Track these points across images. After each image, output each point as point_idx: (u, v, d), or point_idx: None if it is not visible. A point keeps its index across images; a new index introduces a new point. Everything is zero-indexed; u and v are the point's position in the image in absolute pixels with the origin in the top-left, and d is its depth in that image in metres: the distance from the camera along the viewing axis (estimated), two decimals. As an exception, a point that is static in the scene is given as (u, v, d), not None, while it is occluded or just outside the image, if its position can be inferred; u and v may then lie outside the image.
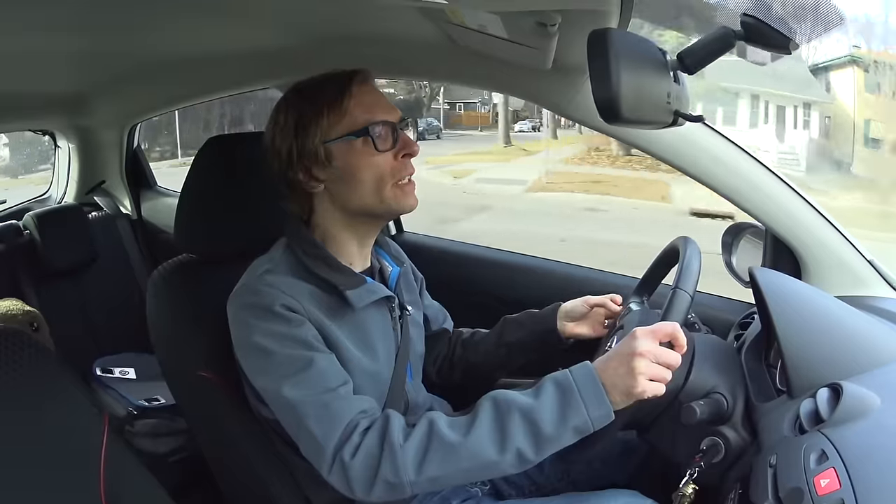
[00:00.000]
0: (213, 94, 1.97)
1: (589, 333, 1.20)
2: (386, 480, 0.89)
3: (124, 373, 1.98)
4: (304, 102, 1.01)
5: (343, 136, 0.99)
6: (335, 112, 1.00)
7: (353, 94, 1.00)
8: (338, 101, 1.00)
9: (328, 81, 1.01)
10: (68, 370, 1.04)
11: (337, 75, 1.02)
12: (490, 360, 1.25)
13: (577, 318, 1.20)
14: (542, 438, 0.87)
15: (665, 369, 0.88)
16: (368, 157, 1.00)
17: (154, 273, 1.20)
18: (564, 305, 1.21)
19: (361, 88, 1.01)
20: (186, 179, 1.20)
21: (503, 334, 1.24)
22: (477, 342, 1.27)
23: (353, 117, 1.00)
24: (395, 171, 1.01)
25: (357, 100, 1.00)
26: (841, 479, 0.72)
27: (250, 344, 0.96)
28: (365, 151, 1.00)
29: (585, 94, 1.12)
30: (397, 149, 1.01)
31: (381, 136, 1.00)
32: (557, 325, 1.20)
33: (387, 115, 1.01)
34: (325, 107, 1.00)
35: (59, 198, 2.48)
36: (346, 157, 1.00)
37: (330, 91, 1.00)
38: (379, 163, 1.00)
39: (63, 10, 1.06)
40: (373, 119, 1.00)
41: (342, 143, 0.99)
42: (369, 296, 1.02)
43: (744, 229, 1.31)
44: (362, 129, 0.99)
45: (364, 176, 1.00)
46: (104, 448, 1.00)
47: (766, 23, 0.74)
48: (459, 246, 1.85)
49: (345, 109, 1.00)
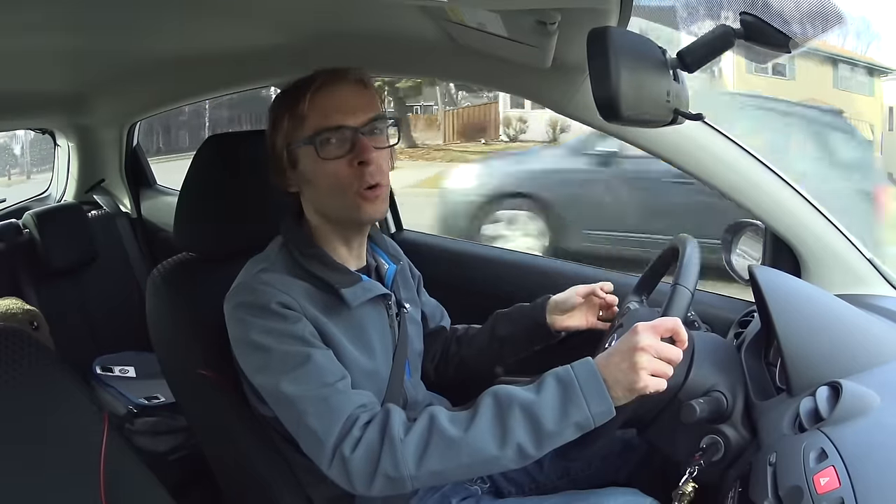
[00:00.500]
0: (213, 93, 1.97)
1: (580, 325, 1.19)
2: (386, 474, 0.89)
3: (124, 371, 1.98)
4: (275, 104, 1.02)
5: (298, 142, 0.99)
6: (294, 117, 0.99)
7: (311, 98, 0.98)
8: (296, 106, 0.98)
9: (295, 85, 1.00)
10: (68, 369, 1.04)
11: (307, 78, 1.00)
12: (483, 355, 1.25)
13: (567, 310, 1.19)
14: (543, 434, 0.87)
15: (667, 364, 0.87)
16: (321, 165, 0.98)
17: (153, 272, 1.20)
18: (554, 298, 1.21)
19: (322, 92, 0.98)
20: (186, 178, 1.20)
21: (495, 329, 1.24)
22: (471, 338, 1.27)
23: (308, 123, 0.98)
24: (351, 180, 0.98)
25: (314, 104, 0.98)
26: (840, 477, 0.72)
27: (248, 342, 0.96)
28: (317, 159, 0.98)
29: (585, 92, 1.12)
30: (352, 156, 0.98)
31: (331, 144, 0.98)
32: (547, 319, 1.19)
33: (345, 120, 0.98)
34: (286, 111, 0.99)
35: (58, 196, 2.47)
36: (305, 163, 1.00)
37: (290, 96, 0.99)
38: (332, 171, 0.98)
39: (62, 9, 1.05)
40: (325, 125, 0.97)
41: (303, 148, 0.99)
42: (365, 294, 1.02)
43: (743, 227, 1.31)
44: (310, 136, 0.98)
45: (321, 183, 1.00)
46: (104, 446, 1.00)
47: (766, 21, 0.74)
48: (458, 244, 1.86)
49: (301, 114, 0.98)
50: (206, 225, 1.20)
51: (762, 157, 1.15)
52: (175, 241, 1.22)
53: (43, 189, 2.56)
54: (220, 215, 1.19)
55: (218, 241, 1.20)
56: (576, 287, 1.20)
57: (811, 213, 1.15)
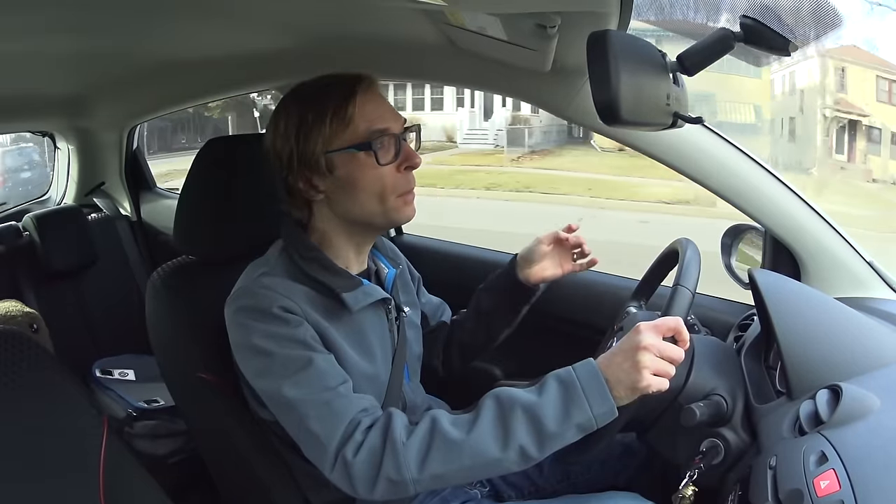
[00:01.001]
0: (213, 96, 1.97)
1: (556, 273, 1.19)
2: (389, 478, 0.88)
3: (123, 374, 1.98)
4: (305, 108, 0.98)
5: (345, 147, 0.97)
6: (338, 121, 0.97)
7: (358, 102, 0.97)
8: (341, 110, 0.96)
9: (331, 87, 0.98)
10: (67, 371, 1.04)
11: (340, 80, 0.98)
12: (476, 333, 1.25)
13: (536, 260, 1.19)
14: (546, 435, 0.87)
15: (669, 364, 0.87)
16: (371, 170, 0.98)
17: (153, 275, 1.20)
18: (521, 253, 1.21)
19: (366, 96, 0.98)
20: (186, 181, 1.20)
21: (479, 305, 1.24)
22: (462, 321, 1.27)
23: (357, 127, 0.97)
24: (396, 184, 0.99)
25: (361, 109, 0.97)
26: (840, 480, 0.72)
27: (249, 346, 0.96)
28: (367, 164, 0.97)
29: (585, 96, 1.12)
30: (399, 161, 0.99)
31: (384, 149, 0.98)
32: (519, 276, 1.19)
33: (390, 125, 0.99)
34: (328, 115, 0.96)
35: (58, 199, 2.48)
36: (348, 168, 0.98)
37: (333, 98, 0.97)
38: (381, 175, 0.98)
39: (63, 11, 1.06)
40: (376, 130, 0.97)
41: (344, 153, 0.97)
42: (365, 298, 1.02)
43: (743, 231, 1.31)
44: (365, 141, 0.97)
45: (366, 188, 0.99)
46: (103, 449, 0.99)
47: (766, 24, 0.74)
48: (458, 247, 1.85)
49: (348, 119, 0.97)
50: (205, 228, 1.20)
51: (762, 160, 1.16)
52: (175, 244, 1.22)
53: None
54: (219, 218, 1.19)
55: (218, 244, 1.20)
56: (538, 237, 1.20)
57: (811, 217, 1.16)
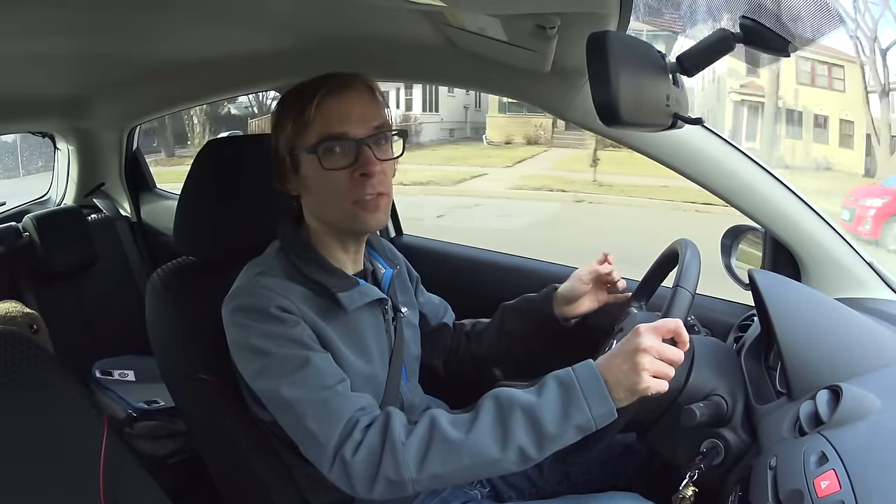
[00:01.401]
0: (213, 97, 1.97)
1: (591, 307, 1.21)
2: (387, 478, 0.88)
3: (123, 375, 1.98)
4: (281, 107, 1.01)
5: (301, 149, 0.98)
6: (299, 122, 0.98)
7: (318, 104, 0.96)
8: (303, 112, 0.97)
9: (305, 87, 0.99)
10: (67, 372, 1.04)
11: (313, 82, 0.99)
12: (493, 350, 1.26)
13: (577, 298, 1.20)
14: (545, 436, 0.87)
15: (668, 366, 0.87)
16: (322, 174, 0.97)
17: (153, 276, 1.20)
18: (560, 290, 1.21)
19: (329, 98, 0.97)
20: (186, 182, 1.20)
21: (503, 324, 1.25)
22: (479, 333, 1.27)
23: (313, 130, 0.97)
24: (350, 191, 0.98)
25: (319, 110, 0.97)
26: (841, 480, 0.72)
27: (247, 346, 0.96)
28: (319, 167, 0.97)
29: (584, 96, 1.12)
30: (355, 167, 0.98)
31: (335, 154, 0.97)
32: (556, 312, 1.20)
33: (350, 130, 0.97)
34: (292, 116, 0.98)
35: (58, 200, 2.48)
36: (307, 170, 0.99)
37: (301, 99, 0.98)
38: (333, 180, 0.98)
39: (63, 12, 1.06)
40: (329, 134, 0.97)
41: (304, 155, 0.98)
42: (361, 298, 1.02)
43: (743, 232, 1.31)
44: (314, 144, 0.97)
45: (320, 191, 1.00)
46: (103, 450, 0.99)
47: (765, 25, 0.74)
48: (457, 248, 1.85)
49: (306, 120, 0.97)
50: (205, 229, 1.20)
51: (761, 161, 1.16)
52: (174, 244, 1.22)
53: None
54: (219, 219, 1.19)
55: (217, 244, 1.20)
56: (578, 273, 1.21)
57: (811, 217, 1.15)
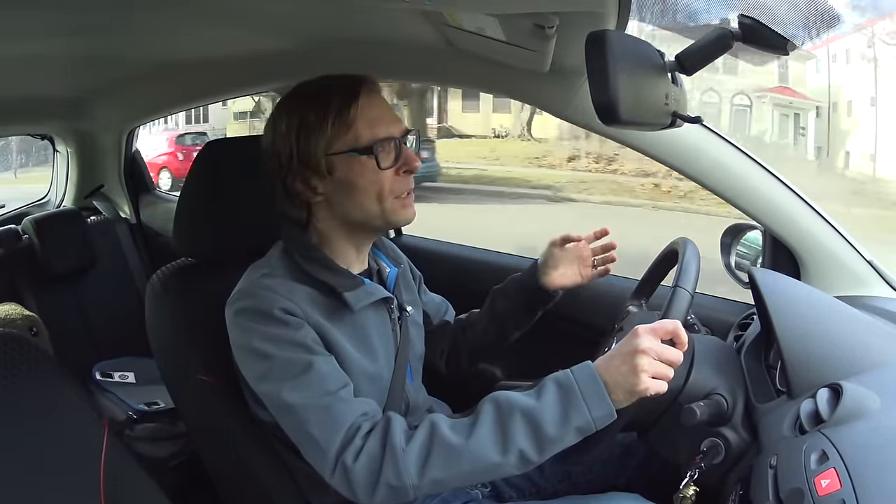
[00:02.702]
0: (212, 98, 1.97)
1: (575, 281, 1.20)
2: (388, 484, 0.88)
3: (124, 377, 1.98)
4: (306, 109, 0.98)
5: (346, 150, 0.97)
6: (340, 124, 0.97)
7: (360, 105, 0.97)
8: (343, 113, 0.96)
9: (333, 89, 0.98)
10: (67, 374, 1.04)
11: (343, 82, 0.99)
12: (488, 335, 1.25)
13: (555, 265, 1.19)
14: (545, 439, 0.87)
15: (667, 367, 0.87)
16: (371, 174, 0.98)
17: (153, 277, 1.20)
18: (541, 260, 1.21)
19: (367, 100, 0.98)
20: (185, 183, 1.20)
21: (493, 306, 1.24)
22: (474, 323, 1.27)
23: (358, 132, 0.97)
24: (395, 187, 0.99)
25: (363, 112, 0.97)
26: (842, 479, 0.72)
27: (249, 348, 0.96)
28: (368, 167, 0.97)
29: (584, 96, 1.12)
30: (399, 165, 0.99)
31: (385, 153, 0.98)
32: (540, 281, 1.19)
33: (391, 130, 0.99)
34: (330, 117, 0.97)
35: (57, 202, 2.47)
36: (348, 170, 0.98)
37: (335, 100, 0.97)
38: (380, 179, 0.98)
39: (62, 14, 1.06)
40: (377, 135, 0.97)
41: (345, 156, 0.97)
42: (367, 297, 1.02)
43: (743, 230, 1.31)
44: (367, 146, 0.97)
45: (365, 191, 0.99)
46: (104, 452, 0.99)
47: (764, 24, 0.74)
48: (458, 248, 1.85)
49: (349, 123, 0.97)
50: (205, 230, 1.19)
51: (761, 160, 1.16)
52: (174, 246, 1.21)
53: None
54: (219, 220, 1.18)
55: (217, 246, 1.20)
56: (551, 240, 1.21)
57: (810, 216, 1.16)
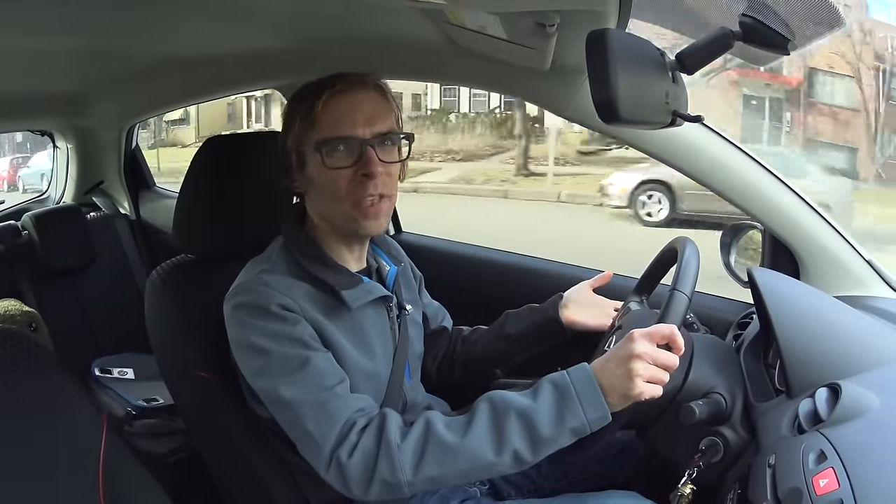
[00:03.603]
0: (213, 95, 1.97)
1: (600, 322, 1.19)
2: (383, 480, 0.89)
3: (123, 373, 1.97)
4: (289, 105, 1.02)
5: (306, 145, 0.99)
6: (306, 120, 0.98)
7: (323, 103, 0.97)
8: (310, 110, 0.98)
9: (313, 86, 1.00)
10: (67, 370, 1.04)
11: (321, 81, 0.99)
12: (490, 353, 1.24)
13: (583, 302, 1.20)
14: (539, 440, 0.87)
15: (662, 371, 0.87)
16: (324, 172, 0.98)
17: (152, 273, 1.20)
18: (566, 294, 1.21)
19: (336, 98, 0.97)
20: (185, 180, 1.20)
21: (504, 327, 1.24)
22: (477, 338, 1.27)
23: (319, 128, 0.98)
24: (350, 191, 0.98)
25: (325, 109, 0.97)
26: (840, 478, 0.72)
27: (247, 344, 0.96)
28: (322, 166, 0.98)
29: (584, 94, 1.12)
30: (356, 168, 0.98)
31: (338, 153, 0.97)
32: (560, 315, 1.19)
33: (355, 130, 0.97)
34: (299, 113, 0.99)
35: (57, 198, 2.47)
36: (312, 167, 1.00)
37: (308, 97, 0.99)
38: (333, 180, 0.98)
39: (62, 10, 1.06)
40: (333, 134, 0.97)
41: (309, 153, 0.99)
42: (366, 295, 1.02)
43: (742, 229, 1.31)
44: (319, 143, 0.97)
45: (322, 190, 1.00)
46: (103, 448, 0.99)
47: (765, 23, 0.74)
48: (457, 246, 1.85)
49: (313, 118, 0.98)
50: (204, 226, 1.20)
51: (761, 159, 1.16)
52: (174, 242, 1.22)
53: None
54: (218, 217, 1.18)
55: (216, 242, 1.20)
56: (585, 284, 1.22)
57: (810, 215, 1.16)
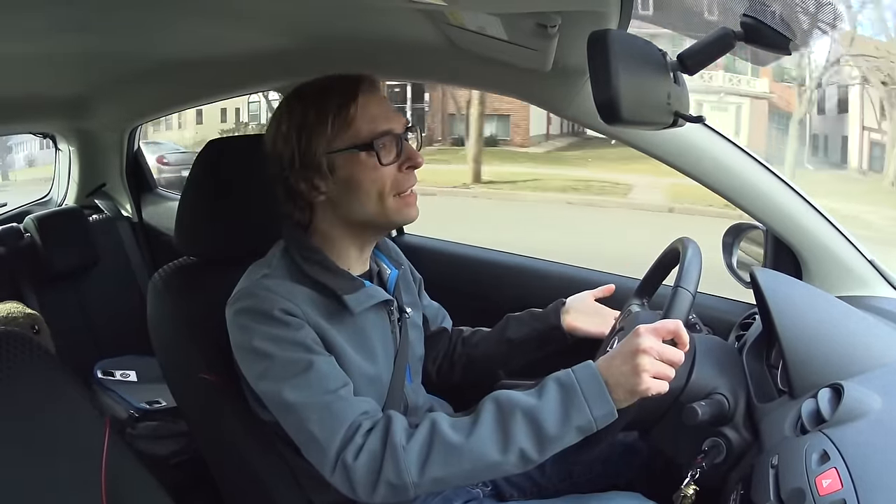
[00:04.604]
0: (214, 97, 1.97)
1: (601, 330, 1.19)
2: (389, 482, 0.89)
3: (125, 375, 1.98)
4: (307, 109, 0.98)
5: (347, 148, 0.97)
6: (340, 122, 0.97)
7: (359, 103, 0.97)
8: (343, 112, 0.97)
9: (333, 88, 0.98)
10: (69, 373, 1.04)
11: (342, 81, 0.99)
12: (490, 357, 1.24)
13: (584, 310, 1.20)
14: (546, 438, 0.87)
15: (668, 367, 0.87)
16: (372, 171, 0.98)
17: (154, 276, 1.21)
18: (568, 301, 1.21)
19: (367, 97, 0.98)
20: (187, 182, 1.20)
21: (505, 331, 1.23)
22: (478, 340, 1.26)
23: (358, 128, 0.97)
24: (397, 184, 0.99)
25: (362, 110, 0.97)
26: (843, 479, 0.72)
27: (250, 348, 0.96)
28: (369, 164, 0.97)
29: (585, 95, 1.12)
30: (401, 161, 0.99)
31: (386, 149, 0.98)
32: (561, 322, 1.19)
33: (391, 126, 0.99)
34: (330, 116, 0.97)
35: (59, 200, 2.48)
36: (350, 168, 0.98)
37: (335, 98, 0.97)
38: (382, 175, 0.98)
39: (64, 12, 1.06)
40: (377, 131, 0.97)
41: (346, 154, 0.98)
42: (368, 300, 1.02)
43: (744, 230, 1.31)
44: (367, 142, 0.97)
45: (367, 188, 0.99)
46: (105, 450, 0.99)
47: (766, 23, 0.74)
48: (458, 248, 1.85)
49: (349, 120, 0.97)
50: (206, 229, 1.20)
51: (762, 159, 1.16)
52: (176, 245, 1.22)
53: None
54: (220, 219, 1.19)
55: (218, 244, 1.20)
56: (589, 292, 1.22)
57: (812, 216, 1.15)
